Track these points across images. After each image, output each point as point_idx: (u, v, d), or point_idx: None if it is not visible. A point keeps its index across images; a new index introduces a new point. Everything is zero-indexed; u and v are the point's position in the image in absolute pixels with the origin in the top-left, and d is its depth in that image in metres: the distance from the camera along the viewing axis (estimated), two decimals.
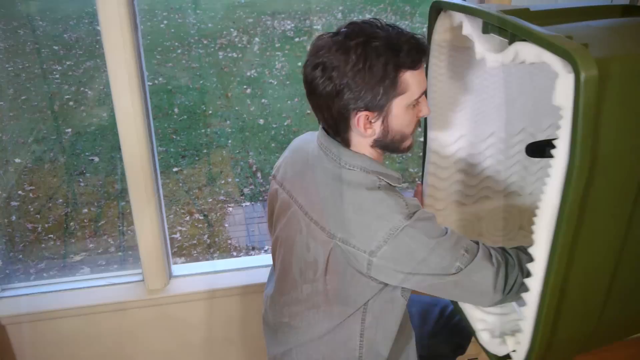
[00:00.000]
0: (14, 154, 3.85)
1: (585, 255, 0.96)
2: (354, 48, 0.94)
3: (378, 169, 1.04)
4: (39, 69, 4.90)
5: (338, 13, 6.13)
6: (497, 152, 1.49)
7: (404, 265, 0.99)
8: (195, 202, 3.58)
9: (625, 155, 0.92)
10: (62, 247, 3.19)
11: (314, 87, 0.99)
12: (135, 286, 1.80)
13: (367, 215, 0.99)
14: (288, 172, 1.15)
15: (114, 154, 3.88)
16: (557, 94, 0.85)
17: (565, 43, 0.84)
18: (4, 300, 1.76)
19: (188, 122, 4.43)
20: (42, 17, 5.69)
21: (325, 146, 1.06)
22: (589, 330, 1.10)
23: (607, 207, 0.95)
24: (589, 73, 0.80)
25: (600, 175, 0.89)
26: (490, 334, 1.17)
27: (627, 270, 1.05)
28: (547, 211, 0.91)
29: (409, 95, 0.99)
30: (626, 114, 0.90)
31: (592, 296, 1.05)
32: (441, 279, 1.00)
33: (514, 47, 0.95)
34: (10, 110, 4.34)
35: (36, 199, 3.47)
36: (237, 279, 1.84)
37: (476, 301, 1.09)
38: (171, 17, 6.15)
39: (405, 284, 1.04)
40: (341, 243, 1.01)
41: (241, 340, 1.92)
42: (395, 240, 0.97)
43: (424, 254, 0.98)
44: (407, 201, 1.01)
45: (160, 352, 1.89)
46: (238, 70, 5.15)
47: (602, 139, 0.87)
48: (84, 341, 1.81)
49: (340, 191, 1.03)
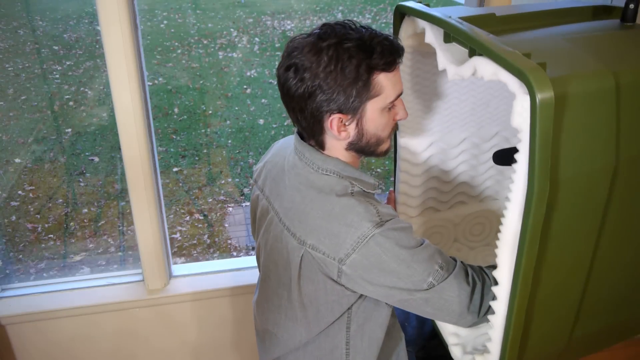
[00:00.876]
0: (14, 154, 3.85)
1: (551, 278, 0.93)
2: (325, 49, 0.92)
3: (352, 173, 1.02)
4: (39, 69, 4.90)
5: (338, 13, 6.13)
6: (471, 157, 1.46)
7: (373, 276, 0.96)
8: (195, 202, 3.59)
9: (590, 176, 0.87)
10: (62, 247, 3.19)
11: (287, 89, 0.96)
12: (135, 286, 1.80)
13: (336, 222, 0.96)
14: (268, 177, 1.14)
15: (114, 154, 3.88)
16: (515, 116, 0.81)
17: (521, 62, 0.79)
18: (4, 300, 1.76)
19: (188, 122, 4.43)
20: (42, 17, 5.69)
21: (299, 150, 1.04)
22: (559, 348, 1.07)
23: (573, 229, 0.91)
24: (544, 95, 0.75)
25: (564, 198, 0.85)
26: (462, 350, 1.14)
27: (597, 288, 1.01)
28: (509, 236, 0.88)
29: (384, 98, 0.96)
30: (588, 135, 0.85)
31: (561, 316, 1.01)
32: (411, 294, 0.96)
33: (472, 62, 0.91)
34: (10, 110, 4.34)
35: (36, 199, 3.47)
36: (237, 279, 1.84)
37: (449, 321, 1.03)
38: (171, 17, 6.15)
39: (375, 296, 1.01)
40: (311, 250, 0.98)
41: (241, 340, 1.92)
42: (364, 248, 0.94)
43: (394, 265, 0.94)
44: (379, 209, 0.97)
45: (160, 352, 1.89)
46: (238, 70, 5.15)
47: (563, 162, 0.83)
48: (84, 341, 1.81)
49: (311, 197, 1.00)
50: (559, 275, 0.95)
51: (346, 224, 0.95)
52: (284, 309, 1.09)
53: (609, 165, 0.88)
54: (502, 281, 0.92)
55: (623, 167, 0.89)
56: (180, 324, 1.85)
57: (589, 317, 1.05)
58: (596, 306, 1.06)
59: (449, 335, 1.18)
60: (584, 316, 1.03)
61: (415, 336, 1.39)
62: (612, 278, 1.04)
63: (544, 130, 0.77)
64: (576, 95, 0.81)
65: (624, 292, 1.10)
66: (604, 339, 1.19)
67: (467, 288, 0.98)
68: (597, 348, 1.23)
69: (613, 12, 1.17)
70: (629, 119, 0.87)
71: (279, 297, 1.10)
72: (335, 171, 1.01)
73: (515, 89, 0.81)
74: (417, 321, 1.43)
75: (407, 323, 1.43)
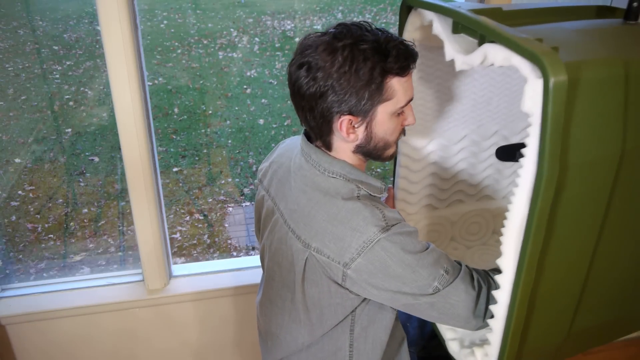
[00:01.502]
0: (14, 154, 3.85)
1: (554, 267, 0.93)
2: (341, 49, 0.91)
3: (359, 176, 1.01)
4: (39, 69, 4.89)
5: (338, 13, 6.13)
6: (470, 155, 1.46)
7: (378, 280, 0.95)
8: (195, 202, 3.58)
9: (596, 164, 0.88)
10: (62, 247, 3.19)
11: (298, 87, 0.95)
12: (135, 286, 1.80)
13: (341, 226, 0.96)
14: (274, 178, 1.13)
15: (114, 154, 3.88)
16: (526, 100, 0.82)
17: (534, 46, 0.80)
18: (4, 300, 1.76)
19: (188, 122, 4.43)
20: (42, 17, 5.69)
21: (306, 152, 1.03)
22: (558, 341, 1.07)
23: (578, 217, 0.91)
24: (558, 78, 0.76)
25: (570, 184, 0.85)
26: (460, 344, 1.14)
27: (598, 281, 1.02)
28: (515, 222, 0.88)
29: (395, 102, 0.96)
30: (597, 121, 0.86)
31: (562, 307, 1.02)
32: (416, 298, 0.96)
33: (482, 49, 0.92)
34: (10, 110, 4.34)
35: (36, 199, 3.47)
36: (237, 279, 1.84)
37: (455, 324, 1.03)
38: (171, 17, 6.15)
39: (380, 300, 1.00)
40: (316, 253, 0.98)
41: (241, 340, 1.92)
42: (369, 253, 0.94)
43: (400, 269, 0.94)
44: (385, 213, 0.96)
45: (160, 352, 1.89)
46: (238, 70, 5.15)
47: (572, 147, 0.83)
48: (84, 341, 1.81)
49: (317, 200, 0.99)
50: (562, 265, 0.95)
51: (352, 227, 0.95)
52: (287, 311, 1.09)
53: (615, 154, 0.89)
54: (507, 269, 0.92)
55: (629, 156, 0.90)
56: (180, 324, 1.85)
57: (589, 311, 1.05)
58: (596, 300, 1.06)
59: (446, 330, 1.19)
60: (584, 310, 1.04)
61: (416, 336, 1.39)
62: (612, 272, 1.05)
63: (557, 114, 0.78)
64: (588, 80, 0.82)
65: (624, 287, 1.10)
66: (603, 334, 1.19)
67: (472, 292, 0.98)
68: (595, 343, 1.24)
69: (616, 12, 1.18)
70: (636, 109, 0.88)
71: (282, 299, 1.09)
72: (342, 174, 1.00)
73: (527, 73, 0.82)
74: (418, 322, 1.43)
75: (409, 323, 1.43)
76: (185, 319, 1.84)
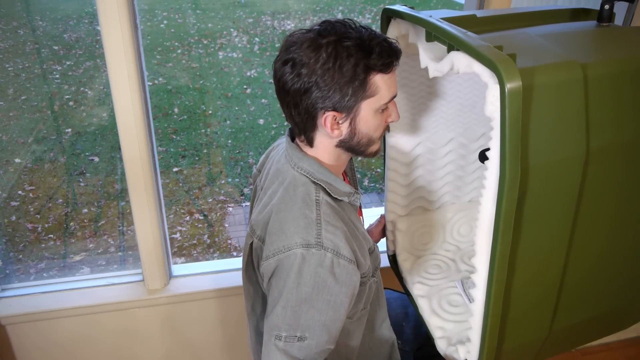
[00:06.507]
0: (14, 154, 3.85)
1: (526, 264, 0.95)
2: (325, 46, 0.92)
3: (326, 177, 1.02)
4: (39, 69, 4.90)
5: (338, 13, 6.13)
6: (458, 157, 1.47)
7: (273, 289, 0.97)
8: (195, 202, 3.59)
9: (561, 164, 0.90)
10: (62, 247, 3.19)
11: (283, 83, 0.96)
12: (135, 286, 1.80)
13: (278, 222, 0.98)
14: (269, 173, 1.15)
15: (114, 154, 3.88)
16: (487, 105, 0.84)
17: (492, 53, 0.82)
18: (4, 300, 1.76)
19: (188, 122, 4.43)
20: (42, 17, 5.70)
21: (285, 147, 1.06)
22: (540, 338, 1.08)
23: (546, 216, 0.94)
24: (513, 84, 0.79)
25: (535, 185, 0.88)
26: (447, 342, 1.16)
27: (576, 278, 1.03)
28: (484, 222, 0.91)
29: (378, 99, 0.96)
30: (558, 124, 0.88)
31: (539, 304, 1.03)
32: (270, 332, 0.97)
33: (449, 57, 0.94)
34: (10, 110, 4.34)
35: (36, 199, 3.48)
36: (237, 279, 1.84)
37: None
38: (171, 17, 6.15)
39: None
40: (256, 239, 1.03)
41: (241, 340, 1.92)
42: (281, 259, 0.95)
43: (284, 291, 0.94)
44: (324, 231, 0.96)
45: (161, 352, 1.89)
46: (238, 70, 5.15)
47: (533, 149, 0.86)
48: (84, 341, 1.81)
49: (276, 192, 1.02)
50: (535, 261, 0.98)
51: (282, 229, 0.97)
52: (248, 289, 1.18)
53: (580, 155, 0.92)
54: (480, 268, 0.95)
55: (594, 156, 0.93)
56: (180, 324, 1.85)
57: (569, 308, 1.07)
58: (575, 296, 1.08)
59: (435, 329, 1.20)
60: (563, 306, 1.06)
61: (412, 336, 1.39)
62: (590, 268, 1.07)
63: (514, 118, 0.81)
64: (544, 85, 0.85)
65: (602, 283, 1.12)
66: (588, 332, 1.21)
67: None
68: (581, 341, 1.26)
69: (590, 14, 1.20)
70: (598, 110, 0.91)
71: (247, 280, 1.17)
72: (310, 172, 1.01)
73: (487, 79, 0.85)
74: (414, 321, 1.43)
75: (405, 323, 1.43)
76: (185, 319, 1.85)
